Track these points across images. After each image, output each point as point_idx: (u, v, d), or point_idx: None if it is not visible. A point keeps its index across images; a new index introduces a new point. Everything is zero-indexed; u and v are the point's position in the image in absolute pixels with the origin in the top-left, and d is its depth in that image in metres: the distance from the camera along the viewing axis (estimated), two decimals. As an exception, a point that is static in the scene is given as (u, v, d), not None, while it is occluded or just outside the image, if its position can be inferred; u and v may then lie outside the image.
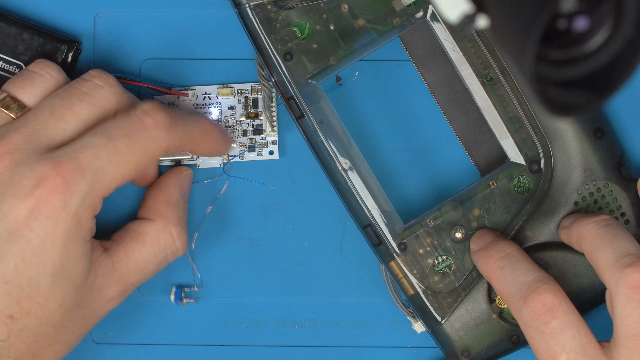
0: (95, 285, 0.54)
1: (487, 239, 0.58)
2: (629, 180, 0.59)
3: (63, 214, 0.52)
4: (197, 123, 0.57)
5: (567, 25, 0.41)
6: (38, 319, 0.53)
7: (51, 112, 0.54)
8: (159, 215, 0.58)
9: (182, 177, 0.60)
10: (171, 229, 0.58)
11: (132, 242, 0.57)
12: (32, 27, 0.59)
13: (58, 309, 0.53)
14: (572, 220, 0.57)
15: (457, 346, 0.59)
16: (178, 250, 0.58)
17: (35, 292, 0.52)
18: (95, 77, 0.55)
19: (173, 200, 0.59)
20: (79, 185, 0.52)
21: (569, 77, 0.42)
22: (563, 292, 0.54)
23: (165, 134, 0.55)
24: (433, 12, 0.58)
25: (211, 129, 0.58)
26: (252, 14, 0.57)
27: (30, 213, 0.52)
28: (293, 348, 0.62)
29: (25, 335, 0.53)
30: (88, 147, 0.53)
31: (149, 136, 0.54)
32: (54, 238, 0.52)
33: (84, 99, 0.54)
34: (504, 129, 0.59)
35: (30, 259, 0.52)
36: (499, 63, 0.58)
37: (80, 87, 0.55)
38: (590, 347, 0.53)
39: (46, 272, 0.52)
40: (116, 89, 0.55)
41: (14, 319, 0.52)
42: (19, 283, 0.52)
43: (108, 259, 0.55)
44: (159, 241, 0.57)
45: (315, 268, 0.62)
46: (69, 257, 0.53)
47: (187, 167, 0.60)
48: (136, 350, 0.62)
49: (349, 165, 0.58)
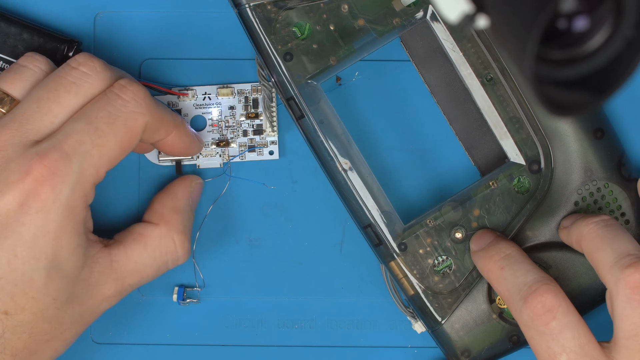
0: (91, 281, 0.54)
1: (487, 239, 0.58)
2: (629, 180, 0.59)
3: (54, 206, 0.52)
4: (171, 114, 0.57)
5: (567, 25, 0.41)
6: (33, 314, 0.53)
7: (38, 105, 0.53)
8: (163, 221, 0.58)
9: (192, 185, 0.60)
10: (174, 235, 0.58)
11: (133, 243, 0.57)
12: (32, 27, 0.59)
13: (52, 303, 0.53)
14: (572, 221, 0.57)
15: (457, 346, 0.59)
16: (179, 257, 0.58)
17: (29, 286, 0.52)
18: (82, 65, 0.54)
19: (179, 207, 0.59)
20: (67, 174, 0.52)
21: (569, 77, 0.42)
22: (563, 292, 0.54)
23: (145, 108, 0.54)
24: (433, 12, 0.58)
25: (182, 122, 0.58)
26: (252, 14, 0.57)
27: (20, 207, 0.52)
28: (293, 348, 0.62)
29: (20, 332, 0.53)
30: (70, 135, 0.53)
31: (128, 112, 0.54)
32: (45, 231, 0.52)
33: (70, 89, 0.54)
34: (504, 129, 0.59)
35: (23, 253, 0.52)
36: (499, 63, 0.58)
37: (66, 77, 0.54)
38: (590, 347, 0.53)
39: (39, 267, 0.52)
40: (103, 75, 0.55)
41: (8, 314, 0.52)
42: (12, 278, 0.52)
43: (106, 257, 0.55)
44: (160, 246, 0.57)
45: (315, 268, 0.62)
46: (62, 250, 0.52)
47: (198, 177, 0.60)
48: (136, 350, 0.62)
49: (349, 166, 0.58)
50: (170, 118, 0.57)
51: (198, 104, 0.61)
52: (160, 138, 0.57)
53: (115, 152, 0.54)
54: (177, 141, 0.58)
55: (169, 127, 0.57)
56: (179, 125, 0.57)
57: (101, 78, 0.54)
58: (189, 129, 0.59)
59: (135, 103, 0.54)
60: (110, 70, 0.55)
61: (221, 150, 0.61)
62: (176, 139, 0.57)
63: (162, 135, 0.57)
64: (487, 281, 0.59)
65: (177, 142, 0.58)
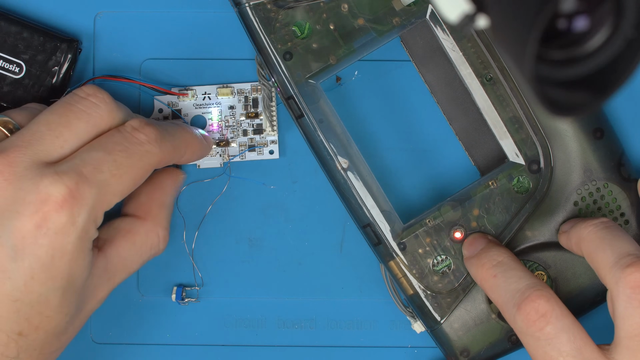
0: (91, 287, 0.54)
1: (479, 245, 0.58)
2: (628, 180, 0.59)
3: (72, 229, 0.51)
4: (181, 135, 0.57)
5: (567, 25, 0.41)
6: (46, 332, 0.52)
7: (48, 128, 0.53)
8: (150, 215, 0.58)
9: (177, 180, 0.60)
10: (159, 231, 0.58)
11: (123, 241, 0.56)
12: (32, 26, 0.59)
13: (64, 319, 0.53)
14: (572, 225, 0.57)
15: (456, 346, 0.59)
16: (160, 251, 0.58)
17: (45, 307, 0.52)
18: (91, 96, 0.54)
19: (166, 202, 0.59)
20: (86, 198, 0.52)
21: (569, 77, 0.42)
22: (556, 297, 0.54)
23: (158, 149, 0.55)
24: (433, 12, 0.58)
25: (192, 138, 0.58)
26: (252, 13, 0.57)
27: (37, 229, 0.51)
28: (293, 348, 0.62)
29: (32, 349, 0.53)
30: (89, 162, 0.52)
31: (144, 151, 0.54)
32: (63, 253, 0.51)
33: (81, 116, 0.54)
34: (504, 129, 0.59)
35: (40, 275, 0.51)
36: (499, 63, 0.58)
37: (76, 104, 0.54)
38: (588, 349, 0.53)
39: (55, 287, 0.52)
40: (112, 107, 0.55)
41: (23, 335, 0.52)
42: (29, 300, 0.51)
43: (103, 260, 0.55)
44: (146, 242, 0.57)
45: (315, 268, 0.62)
46: (76, 270, 0.52)
47: (182, 171, 0.60)
48: (136, 350, 0.62)
49: (349, 165, 0.58)
50: (182, 143, 0.57)
51: (198, 104, 0.61)
52: (175, 162, 0.57)
53: (129, 186, 0.54)
54: (191, 157, 0.58)
55: (181, 152, 0.57)
56: (191, 144, 0.58)
57: (110, 110, 0.54)
58: (198, 135, 0.59)
59: (149, 145, 0.54)
60: (118, 104, 0.55)
61: (221, 150, 0.61)
62: (189, 156, 0.58)
63: (175, 161, 0.57)
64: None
65: (191, 158, 0.58)
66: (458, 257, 0.59)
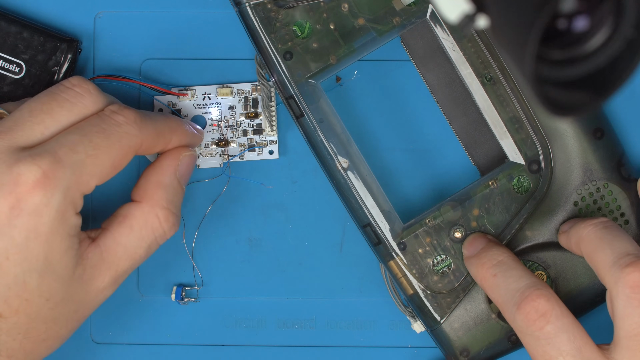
0: (85, 277, 0.54)
1: (479, 245, 0.58)
2: (628, 180, 0.60)
3: (46, 210, 0.51)
4: (165, 121, 0.57)
5: (567, 25, 0.41)
6: (27, 316, 0.53)
7: (30, 115, 0.53)
8: (146, 197, 0.56)
9: (180, 158, 0.58)
10: (157, 211, 0.56)
11: (119, 227, 0.56)
12: (32, 26, 0.59)
13: (46, 304, 0.53)
14: (571, 225, 0.57)
15: (456, 346, 0.59)
16: (165, 233, 0.56)
17: (22, 289, 0.52)
18: (76, 86, 0.55)
19: (164, 181, 0.57)
20: (60, 179, 0.52)
21: (569, 77, 0.42)
22: (556, 296, 0.54)
23: (137, 130, 0.54)
24: (433, 11, 0.58)
25: (178, 125, 0.58)
26: (252, 13, 0.57)
27: (11, 210, 0.51)
28: (293, 348, 0.62)
29: (15, 333, 0.53)
30: (64, 143, 0.53)
31: (122, 132, 0.54)
32: (37, 234, 0.52)
33: (64, 105, 0.54)
34: (504, 129, 0.59)
35: (15, 256, 0.52)
36: (499, 63, 0.58)
37: (61, 94, 0.54)
38: (587, 349, 0.53)
39: (31, 269, 0.52)
40: (96, 98, 0.55)
41: (3, 317, 0.52)
42: (5, 281, 0.52)
43: (96, 249, 0.54)
44: (146, 225, 0.56)
45: (315, 268, 0.62)
46: (53, 252, 0.52)
47: (188, 148, 0.58)
48: (136, 350, 0.62)
49: (349, 165, 0.58)
50: (167, 128, 0.56)
51: (198, 104, 0.61)
52: (161, 149, 0.57)
53: (107, 167, 0.53)
54: (178, 144, 0.58)
55: (166, 138, 0.56)
56: (176, 130, 0.57)
57: (94, 101, 0.55)
58: (186, 126, 0.58)
59: (127, 126, 0.54)
60: (102, 94, 0.55)
61: (221, 150, 0.61)
62: (177, 143, 0.57)
63: (162, 147, 0.57)
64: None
65: (179, 144, 0.58)
66: (458, 257, 0.59)
